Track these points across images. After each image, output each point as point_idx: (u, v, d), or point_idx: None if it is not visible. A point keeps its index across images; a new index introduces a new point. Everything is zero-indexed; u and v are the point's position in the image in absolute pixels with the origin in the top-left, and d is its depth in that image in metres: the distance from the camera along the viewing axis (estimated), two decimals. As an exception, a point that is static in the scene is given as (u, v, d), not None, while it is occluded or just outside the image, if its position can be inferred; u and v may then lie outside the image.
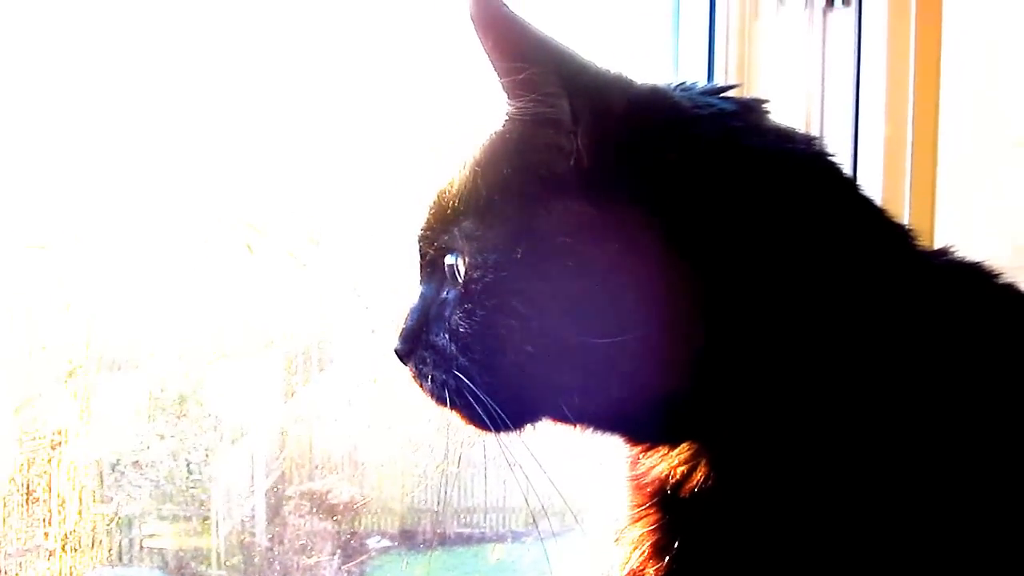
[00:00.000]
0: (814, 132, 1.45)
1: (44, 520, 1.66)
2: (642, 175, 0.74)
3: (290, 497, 2.30)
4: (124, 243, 1.87)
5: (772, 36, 1.47)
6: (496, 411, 0.78)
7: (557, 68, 0.76)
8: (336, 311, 2.23)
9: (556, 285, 0.75)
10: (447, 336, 0.79)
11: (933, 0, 1.40)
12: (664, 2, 1.51)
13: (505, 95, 0.81)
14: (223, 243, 2.03)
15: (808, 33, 1.45)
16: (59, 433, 1.69)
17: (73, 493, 1.68)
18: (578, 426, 0.83)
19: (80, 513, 1.70)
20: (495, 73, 0.79)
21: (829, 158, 0.85)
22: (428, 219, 0.84)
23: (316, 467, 2.32)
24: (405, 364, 0.85)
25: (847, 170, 0.90)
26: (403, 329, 0.86)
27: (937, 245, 0.87)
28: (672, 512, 0.77)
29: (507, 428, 0.81)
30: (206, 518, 2.18)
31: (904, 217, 1.37)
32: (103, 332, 1.84)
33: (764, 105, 0.86)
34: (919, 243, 0.84)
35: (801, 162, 0.80)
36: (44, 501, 1.65)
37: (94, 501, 1.78)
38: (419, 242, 0.86)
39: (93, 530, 1.74)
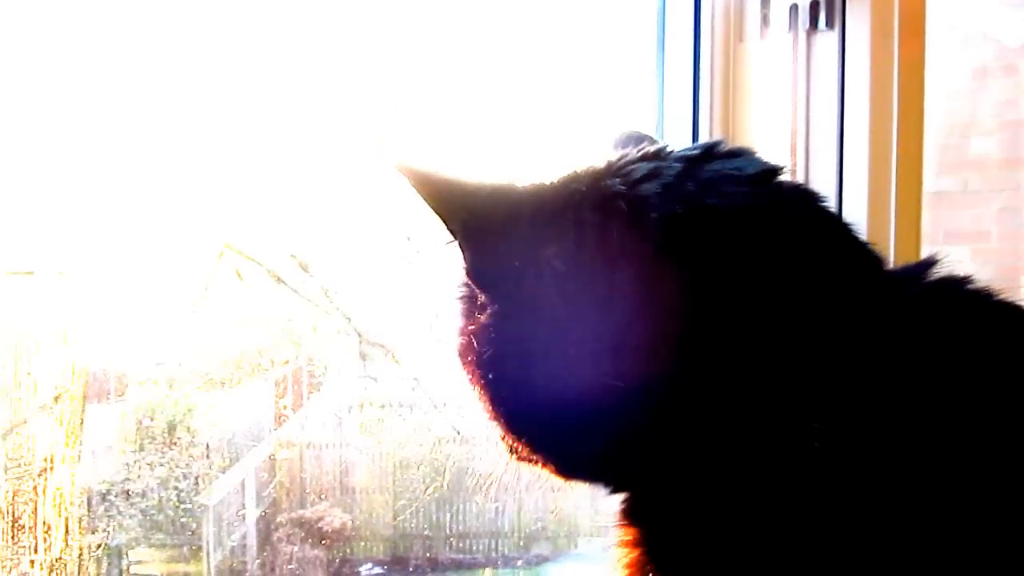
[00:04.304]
0: (800, 152, 1.45)
1: (30, 548, 1.65)
2: (532, 278, 0.77)
3: (281, 524, 2.29)
4: (112, 269, 1.87)
5: (757, 58, 1.48)
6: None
7: (447, 208, 0.80)
8: (326, 337, 2.23)
9: (503, 394, 0.79)
10: None
11: (916, 21, 1.41)
12: (649, 25, 1.52)
13: None
14: (212, 269, 2.03)
15: (793, 55, 1.46)
16: (45, 460, 1.69)
17: (59, 520, 1.68)
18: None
19: (67, 541, 1.69)
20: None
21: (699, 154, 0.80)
22: None
23: (307, 493, 2.32)
24: None
25: (801, 180, 0.87)
26: None
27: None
28: (649, 528, 0.78)
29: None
30: (197, 547, 2.17)
31: (889, 238, 1.37)
32: (90, 359, 1.84)
33: (646, 149, 0.83)
34: (863, 245, 0.81)
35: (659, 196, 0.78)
36: (30, 529, 1.64)
37: (81, 530, 1.77)
38: None
39: (80, 558, 1.73)
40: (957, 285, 0.78)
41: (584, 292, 0.75)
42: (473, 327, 0.79)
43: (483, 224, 0.79)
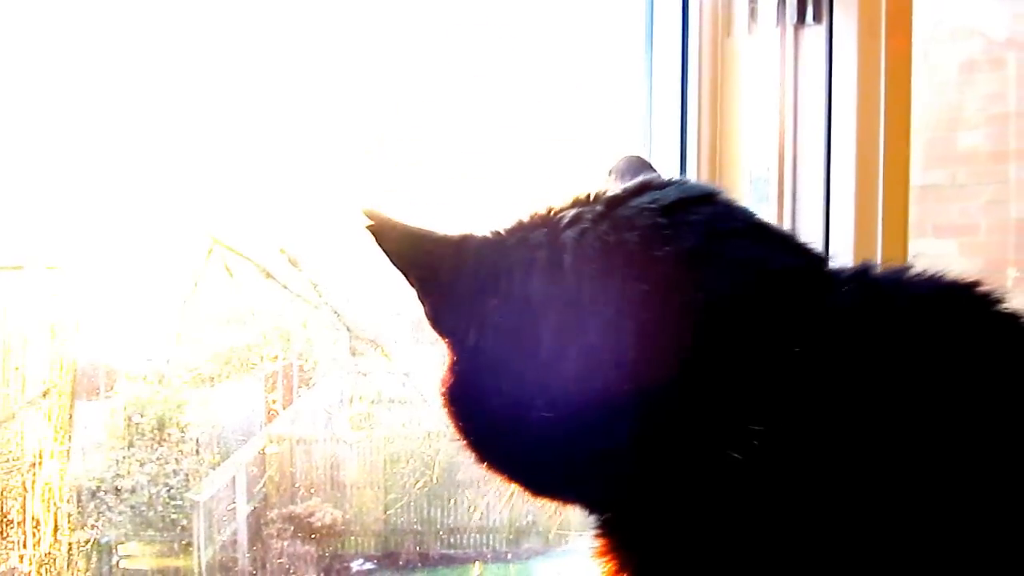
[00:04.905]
0: (788, 146, 1.46)
1: (19, 543, 1.64)
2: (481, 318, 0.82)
3: (272, 520, 2.29)
4: (102, 265, 1.87)
5: (745, 53, 1.48)
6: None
7: (405, 264, 0.87)
8: (315, 332, 2.23)
9: (462, 426, 0.86)
10: None
11: (903, 15, 1.41)
12: (638, 21, 1.53)
13: None
14: (202, 265, 2.03)
15: (780, 50, 1.46)
16: (34, 455, 1.69)
17: (48, 516, 1.67)
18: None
19: (56, 537, 1.69)
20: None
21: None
22: None
23: (297, 489, 2.32)
24: None
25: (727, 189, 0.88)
26: None
27: (911, 261, 0.85)
28: (619, 541, 0.80)
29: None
30: (187, 543, 2.17)
31: (877, 232, 1.38)
32: (79, 355, 1.84)
33: (580, 193, 0.85)
34: (802, 250, 0.83)
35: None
36: (19, 524, 1.64)
37: (70, 526, 1.77)
38: None
39: (69, 554, 1.73)
40: (895, 283, 0.79)
41: (517, 341, 0.80)
42: (440, 365, 0.87)
43: (435, 278, 0.86)
